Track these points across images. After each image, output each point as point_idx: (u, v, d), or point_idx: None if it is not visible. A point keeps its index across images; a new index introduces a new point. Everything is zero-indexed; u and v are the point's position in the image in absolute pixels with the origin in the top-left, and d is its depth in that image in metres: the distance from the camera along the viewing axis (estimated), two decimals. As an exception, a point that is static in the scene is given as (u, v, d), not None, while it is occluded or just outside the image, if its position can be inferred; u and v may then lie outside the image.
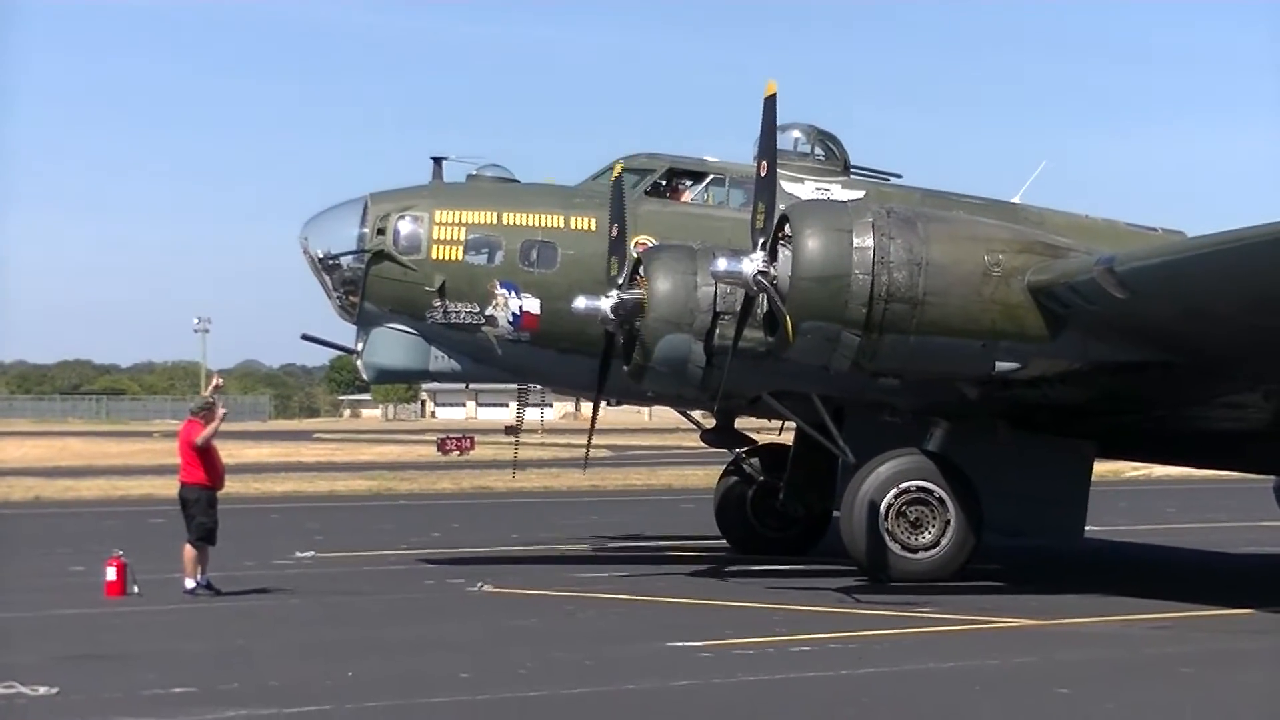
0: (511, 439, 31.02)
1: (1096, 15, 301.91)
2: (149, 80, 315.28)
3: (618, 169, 24.59)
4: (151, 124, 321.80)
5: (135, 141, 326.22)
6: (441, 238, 24.92)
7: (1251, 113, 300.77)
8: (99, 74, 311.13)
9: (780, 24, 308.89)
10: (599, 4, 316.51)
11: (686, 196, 25.61)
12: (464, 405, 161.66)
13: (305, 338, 27.46)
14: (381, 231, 24.95)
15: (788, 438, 28.10)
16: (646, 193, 25.33)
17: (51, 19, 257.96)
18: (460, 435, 72.68)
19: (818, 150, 25.57)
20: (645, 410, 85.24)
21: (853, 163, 25.74)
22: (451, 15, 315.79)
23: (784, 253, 20.56)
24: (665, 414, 42.69)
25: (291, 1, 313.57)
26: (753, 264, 20.63)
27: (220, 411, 21.86)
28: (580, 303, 23.80)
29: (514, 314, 24.74)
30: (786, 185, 23.82)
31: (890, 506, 22.19)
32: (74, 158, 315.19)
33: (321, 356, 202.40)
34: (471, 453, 67.62)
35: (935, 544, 22.26)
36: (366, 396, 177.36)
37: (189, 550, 21.63)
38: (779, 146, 21.58)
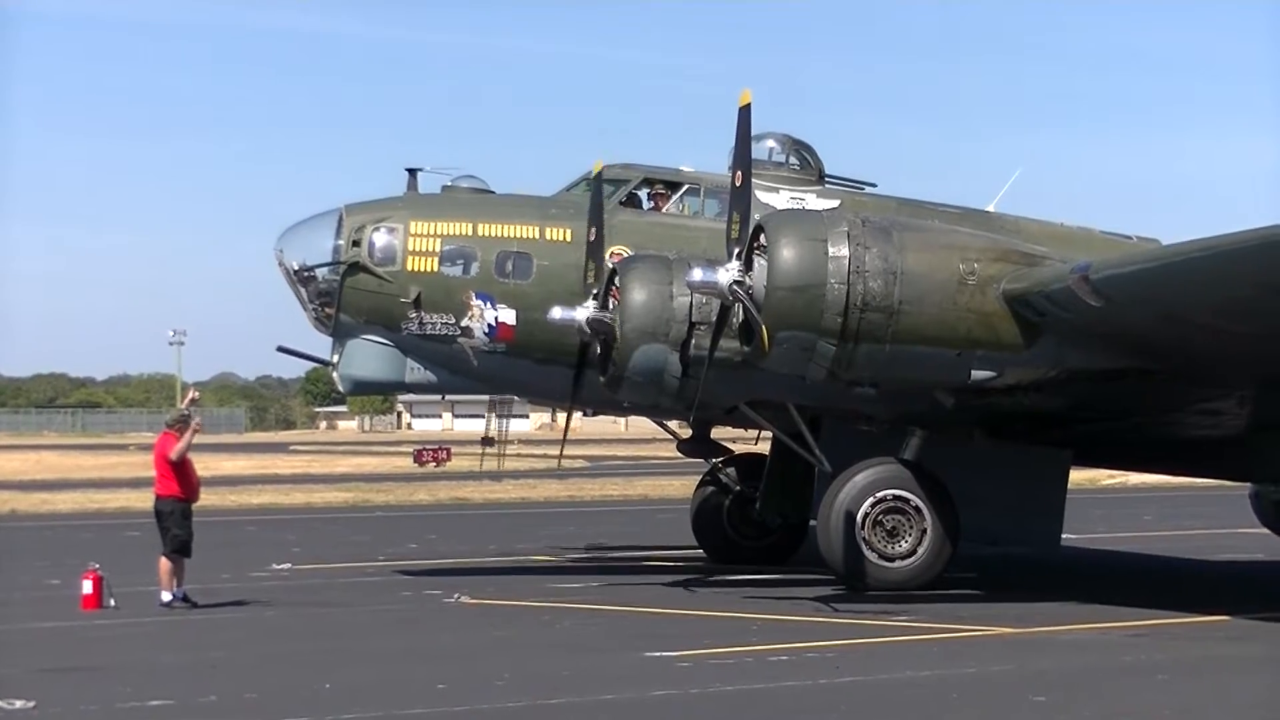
0: (487, 450, 30.84)
1: (1072, 22, 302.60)
2: (124, 92, 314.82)
3: (598, 166, 24.44)
4: (127, 136, 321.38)
5: (110, 153, 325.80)
6: (417, 249, 24.89)
7: (1228, 120, 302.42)
8: (72, 85, 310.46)
9: (754, 34, 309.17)
10: (576, 13, 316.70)
11: (663, 207, 25.62)
12: (440, 417, 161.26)
13: (281, 350, 27.42)
14: (356, 243, 24.90)
15: (764, 447, 28.10)
16: (621, 203, 25.32)
17: (26, 29, 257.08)
18: (436, 447, 72.47)
19: (792, 159, 25.57)
20: (621, 421, 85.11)
21: (827, 172, 25.76)
22: (426, 25, 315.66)
23: (759, 262, 20.54)
24: (642, 424, 42.66)
25: (268, 13, 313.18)
26: (728, 274, 20.59)
27: (195, 423, 21.83)
28: (555, 313, 23.78)
29: (490, 325, 24.71)
30: (761, 195, 23.79)
31: (867, 515, 22.22)
32: (48, 169, 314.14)
33: (297, 368, 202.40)
34: (448, 464, 67.50)
35: (912, 553, 22.30)
36: (342, 408, 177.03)
37: (164, 563, 21.59)
38: (754, 156, 21.58)
